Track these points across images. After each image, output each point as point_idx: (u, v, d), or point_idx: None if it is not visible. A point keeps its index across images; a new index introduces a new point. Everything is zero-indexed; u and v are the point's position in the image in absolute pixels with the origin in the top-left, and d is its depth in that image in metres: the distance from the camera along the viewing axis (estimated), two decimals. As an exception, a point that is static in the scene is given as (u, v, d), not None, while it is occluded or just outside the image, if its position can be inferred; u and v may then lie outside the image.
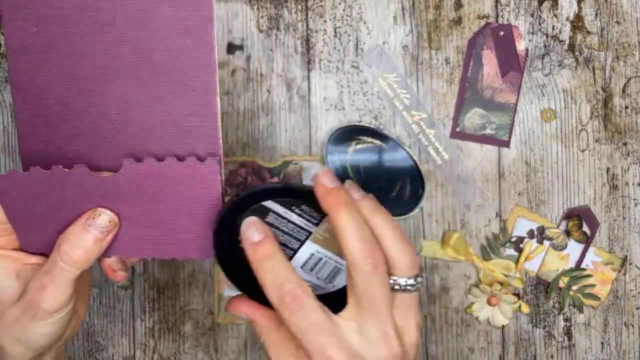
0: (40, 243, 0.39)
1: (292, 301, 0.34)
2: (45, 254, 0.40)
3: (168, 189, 0.38)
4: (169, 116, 0.38)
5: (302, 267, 0.41)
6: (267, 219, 0.38)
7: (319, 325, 0.34)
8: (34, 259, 0.40)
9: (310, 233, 0.39)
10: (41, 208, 0.38)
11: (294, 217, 0.39)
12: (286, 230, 0.39)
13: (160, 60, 0.38)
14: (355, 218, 0.35)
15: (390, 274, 0.36)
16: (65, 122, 0.39)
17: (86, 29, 0.37)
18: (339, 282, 0.41)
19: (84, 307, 0.44)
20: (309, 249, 0.40)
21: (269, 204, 0.38)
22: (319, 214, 0.38)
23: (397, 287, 0.36)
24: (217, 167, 0.37)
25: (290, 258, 0.40)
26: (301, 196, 0.37)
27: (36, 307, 0.37)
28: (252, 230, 0.36)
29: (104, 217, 0.38)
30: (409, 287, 0.36)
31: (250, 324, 0.39)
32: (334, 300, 0.37)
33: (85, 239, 0.37)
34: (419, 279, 0.36)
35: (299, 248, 0.40)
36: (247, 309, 0.39)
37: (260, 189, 0.37)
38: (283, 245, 0.39)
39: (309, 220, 0.39)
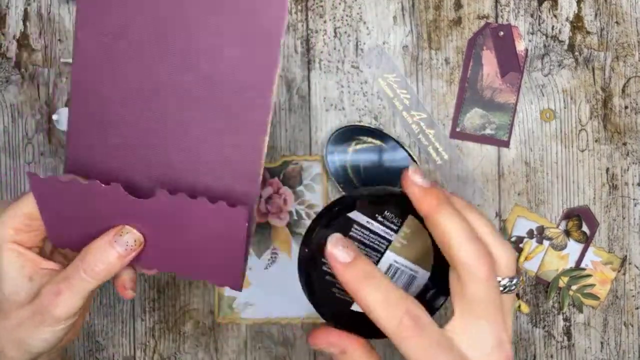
0: (67, 240, 0.39)
1: (413, 322, 0.31)
2: (65, 259, 0.40)
3: (196, 224, 0.38)
4: (216, 148, 0.39)
5: None
6: (350, 234, 0.36)
7: (439, 344, 0.31)
8: (50, 265, 0.40)
9: (390, 242, 0.37)
10: (73, 212, 0.38)
11: (376, 226, 0.37)
12: (368, 242, 0.37)
13: (220, 95, 0.38)
14: (461, 218, 0.32)
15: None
16: (116, 133, 0.39)
17: (155, 50, 0.38)
18: (413, 291, 0.39)
19: (83, 317, 0.44)
20: (388, 259, 0.38)
21: (353, 215, 0.36)
22: (399, 219, 0.37)
23: (503, 288, 0.33)
24: (245, 218, 0.37)
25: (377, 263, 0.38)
26: (387, 200, 0.36)
27: (46, 313, 0.37)
28: (340, 250, 0.33)
29: (130, 236, 0.38)
30: (512, 287, 0.33)
31: (338, 357, 0.35)
32: None
33: (109, 254, 0.38)
34: (520, 277, 0.33)
35: (379, 260, 0.38)
36: (338, 339, 0.35)
37: (348, 200, 0.35)
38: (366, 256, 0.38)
39: (389, 228, 0.37)
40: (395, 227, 0.37)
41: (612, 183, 0.59)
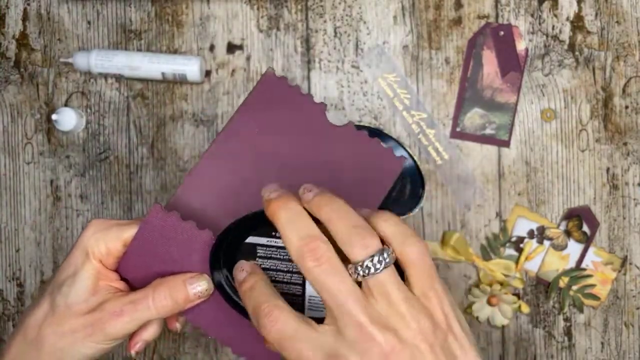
0: (132, 272, 0.41)
1: (266, 315, 0.33)
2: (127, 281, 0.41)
3: None
4: None
5: None
6: (258, 254, 0.39)
7: (296, 333, 0.32)
8: (120, 285, 0.41)
9: None
10: (154, 247, 0.40)
11: (280, 242, 0.38)
12: (282, 257, 0.39)
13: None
14: (292, 217, 0.33)
15: (347, 265, 0.32)
16: (222, 205, 0.41)
17: (277, 162, 0.42)
18: None
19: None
20: None
21: (251, 240, 0.38)
22: None
23: (359, 274, 0.32)
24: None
25: (304, 281, 0.39)
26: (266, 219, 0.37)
27: (99, 328, 0.38)
28: (238, 272, 0.37)
29: (203, 284, 0.39)
30: (370, 269, 0.32)
31: None
32: None
33: (179, 293, 0.39)
34: (380, 257, 0.32)
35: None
36: None
37: (238, 229, 0.38)
38: (289, 272, 0.39)
39: None
40: None
41: (612, 183, 0.59)
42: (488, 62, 0.58)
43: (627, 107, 0.58)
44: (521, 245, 0.59)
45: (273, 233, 0.39)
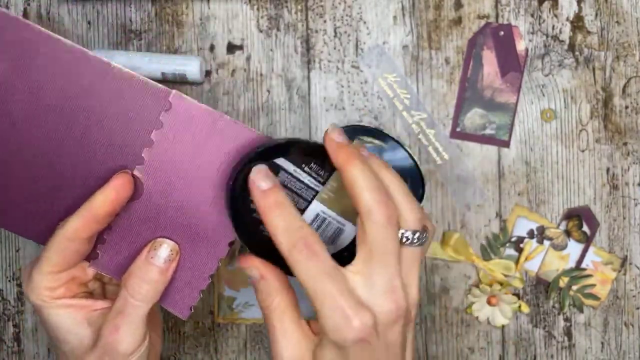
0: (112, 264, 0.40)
1: (304, 248, 0.33)
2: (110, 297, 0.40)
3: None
4: None
5: None
6: (278, 177, 0.39)
7: (330, 273, 0.33)
8: (102, 304, 0.39)
9: (317, 192, 0.40)
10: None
11: (303, 176, 0.39)
12: (295, 189, 0.40)
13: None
14: (368, 170, 0.35)
15: (398, 227, 0.35)
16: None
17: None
18: (340, 244, 0.41)
19: (158, 339, 0.43)
20: (315, 208, 0.40)
21: (280, 161, 0.38)
22: (325, 173, 0.40)
23: (405, 240, 0.35)
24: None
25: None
26: (311, 153, 0.38)
27: (114, 351, 0.37)
28: (261, 177, 0.35)
29: (165, 248, 0.38)
30: (415, 241, 0.35)
31: (257, 284, 0.37)
32: (336, 261, 0.38)
33: (150, 272, 0.37)
34: (426, 234, 0.36)
35: (306, 208, 0.40)
36: (261, 265, 0.37)
37: (273, 144, 0.38)
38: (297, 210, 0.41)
39: (316, 179, 0.40)
40: (321, 180, 0.40)
41: (612, 183, 0.59)
42: (488, 62, 0.58)
43: (627, 107, 0.59)
44: (521, 245, 0.59)
45: (303, 165, 0.39)
